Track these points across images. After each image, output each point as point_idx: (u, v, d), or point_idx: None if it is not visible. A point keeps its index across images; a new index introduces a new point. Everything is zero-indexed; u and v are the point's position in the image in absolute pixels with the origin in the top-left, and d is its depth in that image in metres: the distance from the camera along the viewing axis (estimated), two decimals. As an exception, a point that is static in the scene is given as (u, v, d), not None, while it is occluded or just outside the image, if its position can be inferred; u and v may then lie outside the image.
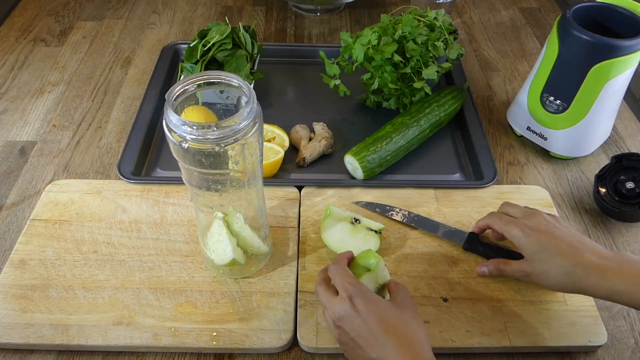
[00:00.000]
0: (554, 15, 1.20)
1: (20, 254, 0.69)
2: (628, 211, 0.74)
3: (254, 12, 1.18)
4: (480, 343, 0.62)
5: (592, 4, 0.77)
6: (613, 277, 0.55)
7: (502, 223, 0.64)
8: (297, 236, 0.72)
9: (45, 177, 0.81)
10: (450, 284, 0.67)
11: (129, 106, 0.93)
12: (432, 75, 0.81)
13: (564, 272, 0.57)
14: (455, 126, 0.90)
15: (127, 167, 0.80)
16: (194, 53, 0.87)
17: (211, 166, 0.52)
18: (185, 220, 0.73)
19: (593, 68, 0.73)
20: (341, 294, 0.54)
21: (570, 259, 0.57)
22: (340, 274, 0.56)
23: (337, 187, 0.78)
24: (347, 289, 0.54)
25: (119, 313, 0.63)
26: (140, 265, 0.68)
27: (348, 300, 0.53)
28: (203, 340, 0.61)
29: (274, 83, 0.98)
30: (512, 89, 0.99)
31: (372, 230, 0.69)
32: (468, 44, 1.11)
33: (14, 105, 0.93)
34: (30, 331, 0.61)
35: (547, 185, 0.82)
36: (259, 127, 0.52)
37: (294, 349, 0.62)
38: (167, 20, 1.15)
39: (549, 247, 0.59)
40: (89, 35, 1.10)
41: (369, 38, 0.82)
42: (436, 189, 0.78)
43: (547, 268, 0.59)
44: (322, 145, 0.82)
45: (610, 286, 0.55)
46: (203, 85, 0.54)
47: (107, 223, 0.73)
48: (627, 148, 0.88)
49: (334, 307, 0.54)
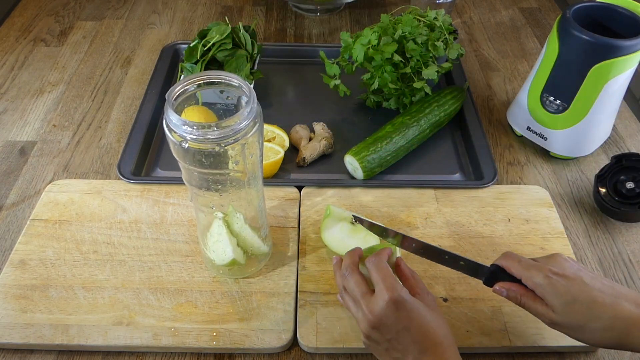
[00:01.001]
0: (554, 15, 1.20)
1: (20, 254, 0.69)
2: (628, 211, 0.74)
3: (254, 12, 1.18)
4: (480, 343, 0.62)
5: (592, 4, 0.77)
6: None
7: (522, 267, 0.55)
8: (297, 236, 0.72)
9: (45, 177, 0.81)
10: (450, 284, 0.67)
11: (129, 106, 0.93)
12: (432, 75, 0.81)
13: (603, 328, 0.50)
14: (455, 126, 0.90)
15: (127, 167, 0.80)
16: (194, 53, 0.87)
17: (211, 166, 0.52)
18: (185, 220, 0.73)
19: (593, 68, 0.73)
20: (383, 295, 0.51)
21: (606, 311, 0.50)
22: (383, 271, 0.53)
23: (337, 187, 0.78)
24: (391, 289, 0.51)
25: (119, 313, 0.63)
26: (140, 265, 0.68)
27: (393, 303, 0.51)
28: (203, 340, 0.61)
29: (274, 83, 0.98)
30: (512, 89, 0.99)
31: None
32: (468, 44, 1.11)
33: (14, 105, 0.93)
34: (30, 331, 0.61)
35: (547, 185, 0.82)
36: (259, 127, 0.52)
37: (294, 349, 0.62)
38: (167, 20, 1.15)
39: (582, 297, 0.51)
40: (89, 35, 1.10)
41: (369, 38, 0.82)
42: (436, 189, 0.78)
43: (582, 322, 0.51)
44: (322, 145, 0.82)
45: None
46: (203, 85, 0.54)
47: (107, 223, 0.73)
48: (627, 148, 0.88)
49: (372, 306, 0.52)
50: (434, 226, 0.74)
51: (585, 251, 0.73)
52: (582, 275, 0.53)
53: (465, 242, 0.72)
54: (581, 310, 0.51)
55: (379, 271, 0.53)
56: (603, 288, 0.52)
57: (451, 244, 0.71)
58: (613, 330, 0.50)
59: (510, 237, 0.72)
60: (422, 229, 0.73)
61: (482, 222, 0.74)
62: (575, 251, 0.73)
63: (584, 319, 0.51)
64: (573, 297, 0.51)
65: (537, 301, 0.54)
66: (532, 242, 0.72)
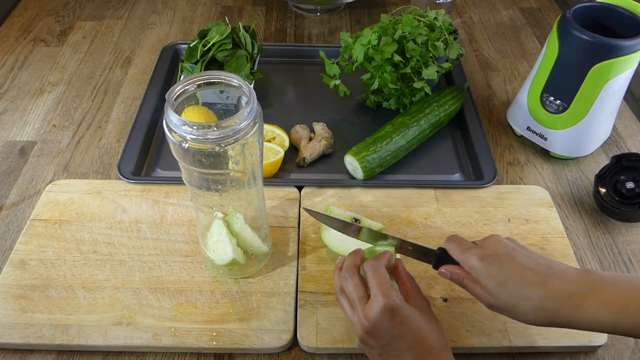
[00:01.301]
0: (554, 15, 1.20)
1: (20, 254, 0.69)
2: (628, 211, 0.74)
3: (254, 12, 1.18)
4: (480, 343, 0.62)
5: (592, 4, 0.77)
6: (590, 307, 0.48)
7: (460, 250, 0.55)
8: (297, 236, 0.72)
9: (45, 177, 0.81)
10: (450, 284, 0.66)
11: (129, 106, 0.93)
12: (432, 75, 0.81)
13: (533, 306, 0.50)
14: (455, 126, 0.90)
15: (127, 167, 0.80)
16: (194, 53, 0.87)
17: (211, 166, 0.52)
18: (185, 220, 0.73)
19: (593, 68, 0.73)
20: (378, 301, 0.51)
21: (537, 290, 0.50)
22: (380, 277, 0.53)
23: (337, 187, 0.78)
24: (386, 296, 0.51)
25: (119, 313, 0.63)
26: (140, 265, 0.68)
27: (387, 310, 0.51)
28: (203, 340, 0.61)
29: (274, 83, 0.98)
30: (512, 89, 0.99)
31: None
32: (468, 44, 1.11)
33: (14, 105, 0.93)
34: (30, 331, 0.61)
35: (547, 185, 0.82)
36: (259, 127, 0.52)
37: (294, 349, 0.62)
38: (167, 20, 1.15)
39: (513, 277, 0.51)
40: (89, 35, 1.10)
41: (369, 38, 0.82)
42: (436, 189, 0.78)
43: (515, 302, 0.51)
44: (322, 145, 0.82)
45: (589, 317, 0.48)
46: (203, 85, 0.54)
47: (107, 223, 0.73)
48: (627, 148, 0.88)
49: (367, 312, 0.52)
50: (434, 226, 0.74)
51: (585, 251, 0.73)
52: (515, 254, 0.52)
53: (465, 242, 0.72)
54: (513, 290, 0.51)
55: (375, 276, 0.53)
56: (537, 267, 0.51)
57: (451, 244, 0.72)
58: (544, 309, 0.50)
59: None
60: (422, 229, 0.73)
61: (482, 222, 0.74)
62: (575, 251, 0.73)
63: (516, 298, 0.51)
64: (505, 278, 0.51)
65: (476, 283, 0.53)
66: (532, 242, 0.72)
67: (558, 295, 0.49)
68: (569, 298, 0.49)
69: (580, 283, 0.50)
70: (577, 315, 0.49)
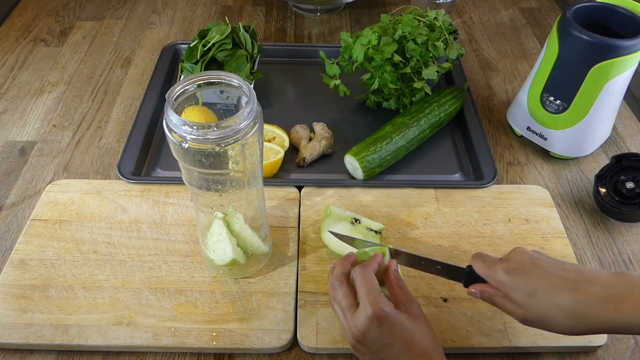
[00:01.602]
0: (554, 15, 1.20)
1: (20, 254, 0.69)
2: (628, 211, 0.74)
3: (254, 12, 1.18)
4: (480, 343, 0.62)
5: (592, 4, 0.77)
6: (632, 309, 0.46)
7: (485, 267, 0.54)
8: (297, 236, 0.72)
9: (45, 177, 0.81)
10: (450, 284, 0.66)
11: (129, 106, 0.93)
12: (432, 75, 0.81)
13: (567, 314, 0.48)
14: (455, 126, 0.90)
15: (127, 167, 0.80)
16: (194, 53, 0.87)
17: (211, 166, 0.52)
18: (185, 220, 0.73)
19: (593, 68, 0.73)
20: (366, 310, 0.51)
21: (569, 296, 0.48)
22: (368, 285, 0.53)
23: (337, 187, 0.78)
24: (374, 304, 0.51)
25: (119, 313, 0.63)
26: (140, 265, 0.68)
27: (375, 318, 0.50)
28: (203, 340, 0.61)
29: (274, 83, 0.98)
30: (512, 89, 0.99)
31: (372, 231, 0.69)
32: (468, 44, 1.11)
33: (14, 105, 0.93)
34: (30, 331, 0.61)
35: (547, 185, 0.82)
36: (259, 127, 0.52)
37: (294, 349, 0.62)
38: (167, 20, 1.15)
39: (542, 287, 0.49)
40: (89, 35, 1.10)
41: (369, 38, 0.82)
42: (436, 189, 0.78)
43: (547, 312, 0.49)
44: (322, 145, 0.82)
45: (630, 320, 0.46)
46: (203, 85, 0.54)
47: (107, 223, 0.73)
48: (627, 148, 0.88)
49: (355, 321, 0.52)
50: (434, 226, 0.74)
51: (585, 251, 0.73)
52: (541, 263, 0.51)
53: (465, 242, 0.72)
54: (544, 299, 0.49)
55: (363, 284, 0.53)
56: (565, 274, 0.50)
57: (451, 244, 0.71)
58: (580, 316, 0.48)
59: (510, 237, 0.72)
60: (422, 229, 0.73)
61: (482, 222, 0.74)
62: (575, 251, 0.73)
63: (548, 308, 0.49)
64: (534, 288, 0.50)
65: (507, 299, 0.52)
66: (532, 242, 0.72)
67: (594, 300, 0.48)
68: (606, 302, 0.47)
69: (616, 286, 0.48)
70: (617, 319, 0.47)
